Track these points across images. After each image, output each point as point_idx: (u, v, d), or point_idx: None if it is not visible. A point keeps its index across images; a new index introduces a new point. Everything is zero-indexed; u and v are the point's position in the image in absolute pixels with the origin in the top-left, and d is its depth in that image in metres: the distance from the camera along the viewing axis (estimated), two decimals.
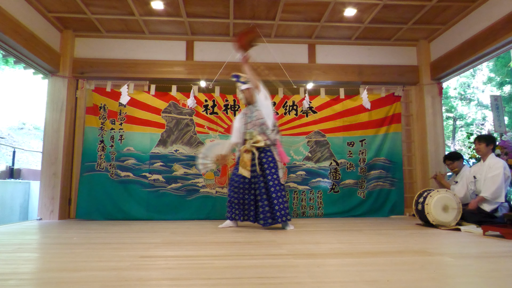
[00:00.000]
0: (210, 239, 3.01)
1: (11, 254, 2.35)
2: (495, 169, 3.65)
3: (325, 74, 5.23)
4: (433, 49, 5.29)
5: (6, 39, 3.79)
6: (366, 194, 5.11)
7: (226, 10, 4.49)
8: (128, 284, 1.59)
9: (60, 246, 2.65)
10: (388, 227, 3.84)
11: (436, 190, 3.80)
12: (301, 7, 4.43)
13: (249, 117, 3.79)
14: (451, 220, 3.68)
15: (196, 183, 4.90)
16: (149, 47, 5.15)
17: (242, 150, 3.73)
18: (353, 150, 5.18)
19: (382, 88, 5.30)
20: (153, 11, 4.48)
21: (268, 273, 1.80)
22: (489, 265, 1.99)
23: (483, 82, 13.98)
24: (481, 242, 2.83)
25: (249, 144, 3.69)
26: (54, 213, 4.59)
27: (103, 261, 2.10)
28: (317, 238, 3.04)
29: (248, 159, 3.65)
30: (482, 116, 14.37)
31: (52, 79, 4.81)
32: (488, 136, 3.97)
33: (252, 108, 3.81)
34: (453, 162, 4.35)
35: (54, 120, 4.73)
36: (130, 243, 2.80)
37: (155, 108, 4.99)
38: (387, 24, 4.86)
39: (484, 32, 4.22)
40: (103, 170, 4.81)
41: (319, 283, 1.60)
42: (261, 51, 5.14)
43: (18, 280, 1.67)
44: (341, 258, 2.19)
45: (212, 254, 2.34)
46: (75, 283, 1.60)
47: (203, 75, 5.01)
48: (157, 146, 4.92)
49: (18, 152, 11.02)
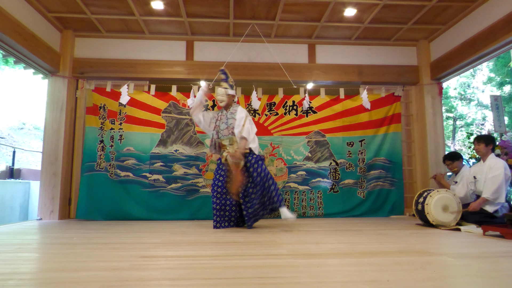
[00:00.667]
0: (210, 239, 3.01)
1: (11, 254, 2.35)
2: (495, 169, 3.65)
3: (325, 74, 5.23)
4: (433, 49, 5.29)
5: (6, 39, 3.79)
6: (366, 194, 5.11)
7: (226, 10, 4.49)
8: (128, 284, 1.59)
9: (60, 246, 2.65)
10: (388, 227, 3.84)
11: (436, 190, 3.80)
12: (301, 7, 4.43)
13: (224, 123, 3.75)
14: (451, 220, 3.67)
15: (196, 183, 4.89)
16: (149, 47, 5.15)
17: (225, 155, 3.68)
18: (352, 150, 5.18)
19: (382, 88, 5.30)
20: (153, 11, 4.48)
21: (268, 273, 1.80)
22: (489, 265, 1.99)
23: (483, 82, 13.98)
24: (481, 242, 2.83)
25: (232, 149, 3.66)
26: (54, 213, 4.59)
27: (103, 261, 2.10)
28: (317, 238, 3.04)
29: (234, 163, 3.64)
30: (482, 116, 14.36)
31: (52, 79, 4.81)
32: (487, 136, 3.97)
33: (227, 114, 3.78)
34: (452, 162, 4.36)
35: (54, 120, 4.73)
36: (130, 243, 2.80)
37: (155, 108, 4.99)
38: (387, 24, 4.86)
39: (484, 32, 4.22)
40: (103, 170, 4.81)
41: (319, 283, 1.60)
42: (261, 51, 5.16)
43: (18, 280, 1.67)
44: (341, 258, 2.19)
45: (212, 254, 2.34)
46: (75, 283, 1.60)
47: (203, 75, 5.01)
48: (157, 146, 4.92)
49: (18, 152, 11.02)
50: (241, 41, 4.98)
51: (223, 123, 3.77)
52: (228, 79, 3.83)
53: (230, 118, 3.74)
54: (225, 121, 3.76)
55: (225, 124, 3.75)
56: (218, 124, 3.81)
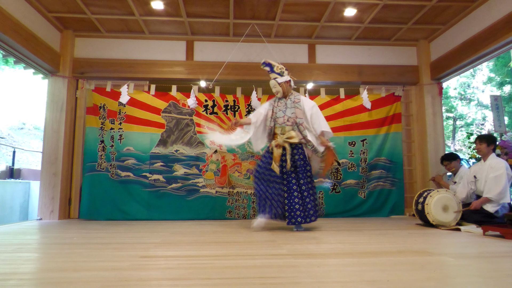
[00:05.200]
0: (210, 239, 3.01)
1: (11, 254, 2.35)
2: (497, 169, 3.64)
3: (325, 74, 5.23)
4: (433, 49, 5.29)
5: (6, 39, 3.79)
6: (367, 194, 5.11)
7: (226, 10, 4.49)
8: (128, 284, 1.59)
9: (60, 246, 2.65)
10: (388, 227, 3.84)
11: (436, 190, 3.80)
12: (301, 7, 4.43)
13: (282, 111, 3.60)
14: (451, 220, 3.67)
15: (196, 183, 4.89)
16: (149, 47, 5.14)
17: (273, 144, 3.54)
18: (354, 150, 5.18)
19: (382, 88, 5.30)
20: (153, 11, 4.47)
21: (268, 273, 1.80)
22: (489, 265, 1.99)
23: (483, 82, 13.98)
24: (481, 242, 2.83)
25: (281, 138, 3.52)
26: (54, 213, 4.59)
27: (103, 261, 2.10)
28: (317, 238, 3.04)
29: (278, 154, 3.47)
30: (482, 116, 14.36)
31: (52, 79, 4.81)
32: (489, 136, 3.97)
33: (287, 102, 3.62)
34: (450, 162, 4.40)
35: (54, 120, 4.73)
36: (130, 243, 2.80)
37: (155, 108, 4.98)
38: (387, 24, 4.86)
39: (484, 32, 4.22)
40: (104, 170, 4.81)
41: (319, 283, 1.60)
42: (261, 51, 5.15)
43: (18, 280, 1.67)
44: (341, 258, 2.19)
45: (212, 254, 2.34)
46: (75, 283, 1.60)
47: (203, 75, 5.01)
48: (157, 146, 4.92)
49: (18, 152, 11.02)
50: (241, 41, 4.98)
51: (280, 110, 3.62)
52: (274, 68, 3.64)
53: (292, 108, 3.58)
54: (283, 109, 3.61)
55: (282, 112, 3.60)
56: (276, 111, 3.64)
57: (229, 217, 4.84)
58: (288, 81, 3.67)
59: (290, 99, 3.65)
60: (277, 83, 3.61)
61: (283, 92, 3.64)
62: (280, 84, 3.61)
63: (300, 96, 3.71)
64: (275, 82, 3.62)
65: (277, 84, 3.61)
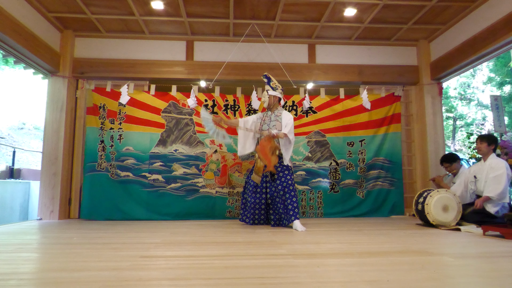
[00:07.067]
0: (210, 239, 3.01)
1: (11, 254, 2.35)
2: (497, 169, 3.64)
3: (325, 74, 5.23)
4: (433, 49, 5.29)
5: (6, 39, 3.79)
6: (365, 194, 5.11)
7: (226, 10, 4.49)
8: (128, 284, 1.59)
9: (60, 246, 2.65)
10: (388, 227, 3.84)
11: (436, 190, 3.80)
12: (301, 7, 4.43)
13: (266, 124, 3.92)
14: (451, 220, 3.68)
15: (195, 183, 4.89)
16: (149, 47, 5.14)
17: (257, 156, 3.84)
18: (352, 150, 5.18)
19: (382, 88, 5.30)
20: (153, 11, 4.47)
21: (268, 273, 1.80)
22: (489, 265, 1.99)
23: (483, 82, 13.98)
24: (481, 242, 2.83)
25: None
26: (54, 213, 4.59)
27: (103, 261, 2.10)
28: (317, 238, 3.04)
29: (261, 166, 3.76)
30: (482, 116, 14.37)
31: (52, 79, 4.81)
32: (490, 136, 3.97)
33: (271, 116, 3.93)
34: (451, 164, 4.33)
35: (54, 120, 4.73)
36: (130, 243, 2.80)
37: (155, 108, 4.98)
38: (387, 24, 4.86)
39: (484, 32, 4.22)
40: (104, 170, 4.81)
41: (319, 283, 1.60)
42: (261, 51, 5.16)
43: (18, 280, 1.67)
44: (341, 258, 2.19)
45: (212, 254, 2.35)
46: (75, 283, 1.60)
47: (203, 75, 5.01)
48: (157, 146, 4.92)
49: (18, 152, 11.02)
50: (241, 41, 4.98)
51: (265, 124, 3.94)
52: (270, 82, 3.99)
53: (274, 121, 3.89)
54: (268, 122, 3.92)
55: (267, 125, 3.91)
56: (262, 124, 3.97)
57: (229, 217, 4.84)
58: (277, 97, 3.98)
59: (274, 113, 3.96)
60: (267, 94, 3.95)
61: (269, 104, 3.95)
62: (269, 96, 3.95)
63: (283, 110, 3.99)
64: (266, 93, 3.97)
65: (266, 95, 3.96)
